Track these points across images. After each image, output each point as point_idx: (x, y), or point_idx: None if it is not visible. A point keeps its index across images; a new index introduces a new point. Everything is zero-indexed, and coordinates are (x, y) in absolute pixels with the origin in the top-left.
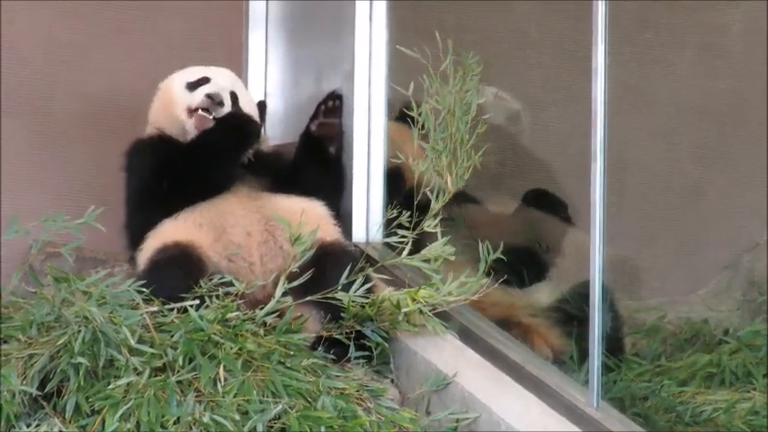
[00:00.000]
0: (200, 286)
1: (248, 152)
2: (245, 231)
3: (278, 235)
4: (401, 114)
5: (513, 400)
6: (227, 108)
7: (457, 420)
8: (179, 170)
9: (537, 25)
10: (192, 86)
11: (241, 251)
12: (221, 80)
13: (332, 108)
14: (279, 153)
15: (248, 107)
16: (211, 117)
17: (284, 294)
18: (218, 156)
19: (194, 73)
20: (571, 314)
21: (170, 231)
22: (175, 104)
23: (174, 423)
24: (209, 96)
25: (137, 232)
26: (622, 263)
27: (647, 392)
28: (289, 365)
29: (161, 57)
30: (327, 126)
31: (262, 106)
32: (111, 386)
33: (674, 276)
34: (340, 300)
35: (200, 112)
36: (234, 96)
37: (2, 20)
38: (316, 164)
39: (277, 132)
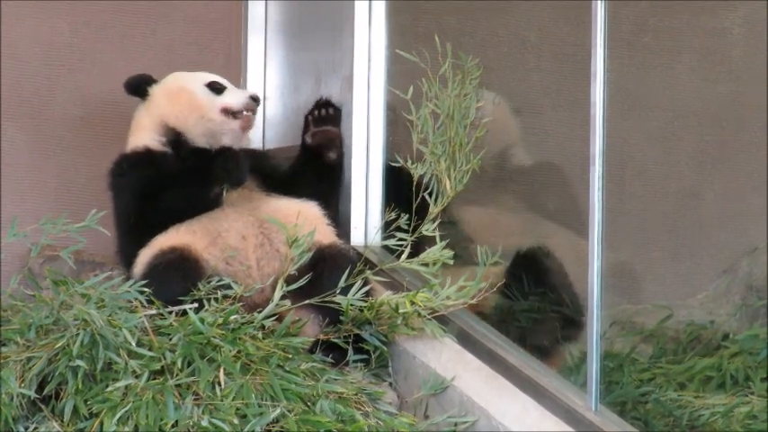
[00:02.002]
0: (199, 289)
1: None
2: (239, 235)
3: (273, 237)
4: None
5: (511, 404)
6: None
7: (455, 424)
8: (170, 191)
9: (536, 29)
10: (215, 90)
11: (238, 254)
12: (226, 81)
13: (323, 116)
14: (271, 156)
15: None
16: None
17: (283, 297)
18: (209, 186)
19: (193, 75)
20: None
21: (164, 238)
22: (203, 106)
23: (173, 426)
24: (253, 98)
25: (133, 255)
26: (621, 266)
27: (646, 396)
28: (287, 369)
29: (161, 60)
30: (322, 134)
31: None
32: (109, 389)
33: (673, 280)
34: (338, 303)
35: (245, 113)
36: None
37: (2, 23)
38: (316, 172)
39: (276, 136)
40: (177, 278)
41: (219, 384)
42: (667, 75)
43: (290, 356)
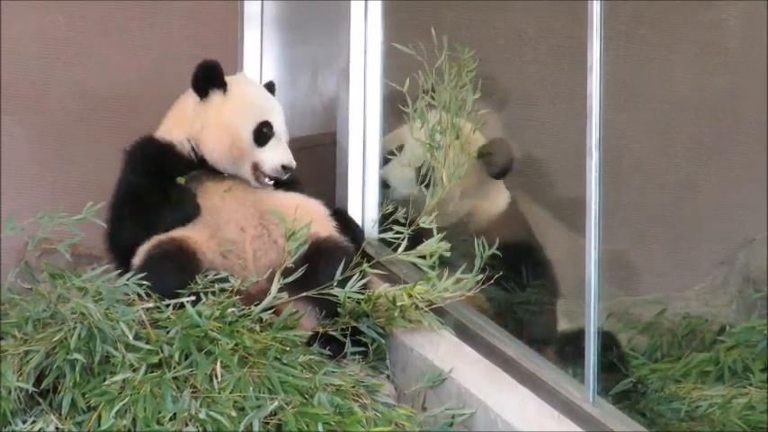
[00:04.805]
0: (196, 282)
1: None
2: (238, 227)
3: (272, 229)
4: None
5: (509, 396)
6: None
7: (453, 416)
8: (156, 204)
9: (532, 22)
10: (260, 138)
11: (235, 248)
12: (279, 121)
13: None
14: None
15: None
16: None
17: (280, 290)
18: (161, 214)
19: (252, 110)
20: None
21: None
22: (244, 157)
23: (170, 419)
24: (284, 168)
25: (116, 238)
26: (618, 258)
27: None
28: (285, 361)
29: (157, 55)
30: None
31: (272, 88)
32: (107, 382)
33: (670, 272)
34: (336, 296)
35: (266, 180)
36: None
37: (0, 18)
38: None
39: None
40: (174, 270)
41: (217, 377)
42: (664, 67)
43: (288, 349)
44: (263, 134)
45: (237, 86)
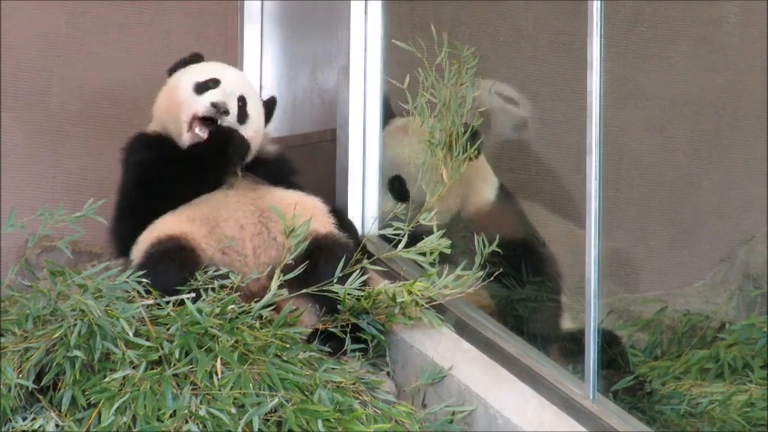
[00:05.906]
0: (196, 279)
1: (238, 162)
2: (238, 224)
3: (271, 227)
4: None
5: (509, 393)
6: (233, 116)
7: (453, 413)
8: (171, 173)
9: (532, 19)
10: (200, 89)
11: (234, 244)
12: (230, 84)
13: None
14: (285, 159)
15: (256, 111)
16: (205, 137)
17: (280, 287)
18: (204, 169)
19: (205, 72)
20: None
21: (163, 225)
22: (181, 108)
23: (170, 416)
24: (214, 105)
25: (124, 236)
26: (618, 256)
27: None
28: (285, 358)
29: (158, 51)
30: None
31: (271, 103)
32: (107, 379)
33: (670, 269)
34: (336, 292)
35: (197, 130)
36: (242, 100)
37: (0, 15)
38: None
39: (272, 126)
40: (174, 268)
41: (217, 374)
42: (664, 64)
43: (288, 346)
44: (206, 86)
45: (199, 63)
